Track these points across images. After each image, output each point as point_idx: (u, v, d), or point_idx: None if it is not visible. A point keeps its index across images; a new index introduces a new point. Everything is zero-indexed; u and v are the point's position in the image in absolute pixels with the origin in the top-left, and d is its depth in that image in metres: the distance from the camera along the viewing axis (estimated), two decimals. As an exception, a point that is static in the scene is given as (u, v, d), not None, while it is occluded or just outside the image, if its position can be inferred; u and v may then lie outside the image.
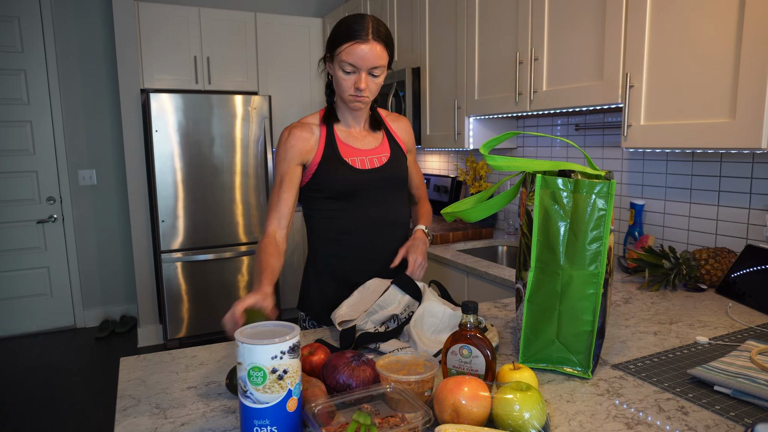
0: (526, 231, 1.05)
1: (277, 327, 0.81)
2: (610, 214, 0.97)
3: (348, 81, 1.31)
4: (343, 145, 1.41)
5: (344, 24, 1.29)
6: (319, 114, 1.44)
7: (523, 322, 1.04)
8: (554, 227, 1.00)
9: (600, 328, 1.00)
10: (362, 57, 1.27)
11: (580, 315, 0.99)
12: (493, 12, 2.33)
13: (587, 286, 0.98)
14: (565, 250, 1.00)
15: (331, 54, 1.32)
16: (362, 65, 1.28)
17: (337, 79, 1.32)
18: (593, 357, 1.01)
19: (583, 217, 0.98)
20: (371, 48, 1.27)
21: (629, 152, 2.15)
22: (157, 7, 3.69)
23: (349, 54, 1.27)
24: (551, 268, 1.01)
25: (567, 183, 1.00)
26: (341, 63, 1.29)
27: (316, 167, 1.38)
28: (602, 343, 1.05)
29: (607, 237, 0.98)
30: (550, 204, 1.01)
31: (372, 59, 1.28)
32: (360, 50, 1.26)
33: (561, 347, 1.02)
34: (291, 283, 4.18)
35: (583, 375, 1.02)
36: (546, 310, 1.02)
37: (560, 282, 1.00)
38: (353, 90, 1.32)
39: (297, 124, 1.40)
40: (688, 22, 1.52)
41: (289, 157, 1.37)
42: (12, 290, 3.94)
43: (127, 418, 0.90)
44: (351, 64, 1.28)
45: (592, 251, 0.98)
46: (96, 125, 4.04)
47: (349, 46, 1.26)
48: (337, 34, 1.29)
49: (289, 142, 1.37)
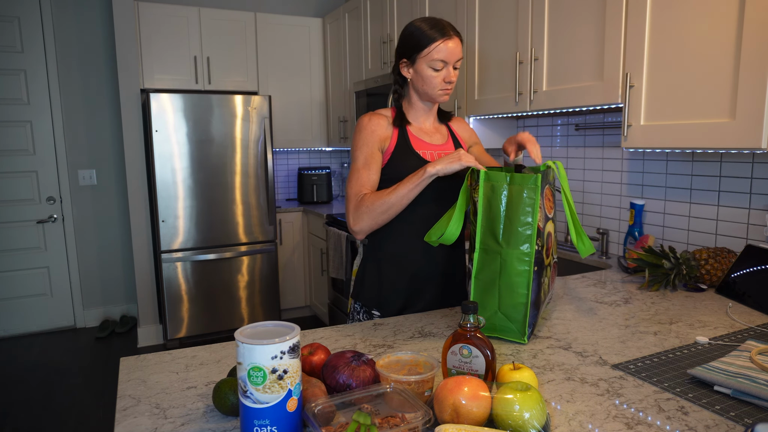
0: (473, 219, 1.24)
1: (277, 327, 0.81)
2: (537, 202, 1.15)
3: (438, 77, 1.41)
4: (414, 138, 1.49)
5: (424, 26, 1.39)
6: (391, 113, 1.51)
7: (471, 296, 1.22)
8: (495, 214, 1.19)
9: (534, 300, 1.17)
10: (452, 52, 1.39)
11: (516, 289, 1.17)
12: (493, 12, 2.33)
13: (521, 263, 1.16)
14: (503, 233, 1.18)
15: (414, 56, 1.41)
16: (451, 59, 1.40)
17: (425, 78, 1.41)
18: (528, 325, 1.18)
19: (517, 206, 1.17)
20: (455, 43, 1.40)
21: (629, 152, 2.15)
22: (157, 7, 3.69)
23: (440, 51, 1.38)
24: (492, 248, 1.19)
25: (505, 177, 1.19)
26: (432, 62, 1.39)
27: (389, 157, 1.45)
28: (537, 314, 1.21)
29: (536, 221, 1.15)
30: (491, 195, 1.20)
31: (458, 53, 1.41)
32: (449, 46, 1.38)
33: (502, 317, 1.19)
34: (291, 283, 4.18)
35: (520, 340, 1.19)
36: (489, 285, 1.20)
37: (499, 261, 1.18)
38: (443, 84, 1.42)
39: (375, 113, 1.48)
40: (688, 22, 1.52)
41: (371, 141, 1.44)
42: (12, 290, 3.94)
43: (127, 418, 0.90)
44: (442, 60, 1.39)
45: (524, 234, 1.16)
46: (96, 125, 4.04)
47: (440, 43, 1.37)
48: (420, 37, 1.39)
49: (370, 127, 1.45)
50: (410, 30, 1.41)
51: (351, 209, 1.40)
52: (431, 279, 1.52)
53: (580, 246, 1.30)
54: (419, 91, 1.46)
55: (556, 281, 1.73)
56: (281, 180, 4.63)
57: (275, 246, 3.90)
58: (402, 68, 1.46)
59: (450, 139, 1.56)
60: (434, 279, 1.52)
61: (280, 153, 4.59)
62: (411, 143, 1.47)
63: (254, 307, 3.88)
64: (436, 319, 1.40)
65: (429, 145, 1.50)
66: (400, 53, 1.45)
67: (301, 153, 4.67)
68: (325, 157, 4.78)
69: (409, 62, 1.43)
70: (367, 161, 1.42)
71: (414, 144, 1.47)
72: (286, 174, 4.64)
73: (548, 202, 1.27)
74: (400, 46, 1.44)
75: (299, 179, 4.37)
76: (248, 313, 3.87)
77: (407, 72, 1.45)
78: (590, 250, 1.30)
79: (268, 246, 3.88)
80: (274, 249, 3.90)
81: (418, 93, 1.47)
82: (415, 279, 1.50)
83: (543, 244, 1.20)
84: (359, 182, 1.42)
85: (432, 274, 1.52)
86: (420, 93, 1.47)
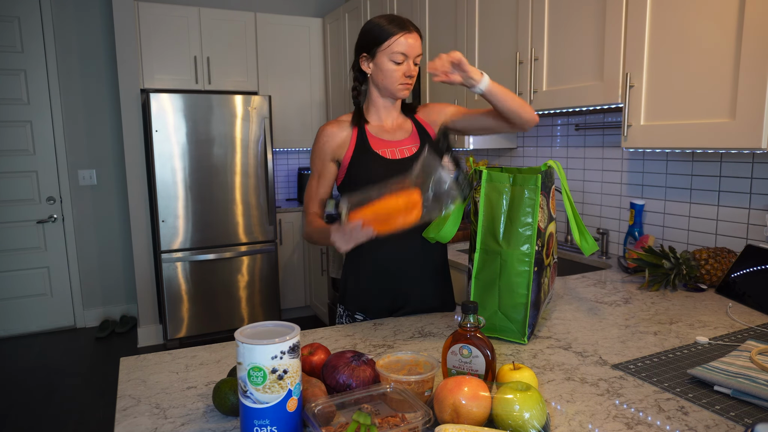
0: (473, 219, 1.24)
1: (277, 327, 0.81)
2: (537, 202, 1.15)
3: (398, 71, 1.40)
4: (374, 138, 1.47)
5: (383, 21, 1.40)
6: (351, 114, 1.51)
7: (471, 296, 1.22)
8: (496, 214, 1.19)
9: (534, 301, 1.17)
10: (411, 45, 1.39)
11: (516, 289, 1.17)
12: (493, 12, 2.33)
13: (521, 264, 1.16)
14: (504, 233, 1.18)
15: (374, 50, 1.40)
16: (411, 53, 1.40)
17: (386, 72, 1.41)
18: (528, 326, 1.17)
19: (518, 206, 1.16)
20: (415, 38, 1.40)
21: (629, 152, 2.15)
22: (157, 7, 3.69)
23: (399, 44, 1.38)
24: (492, 249, 1.19)
25: (508, 177, 1.19)
26: (392, 55, 1.38)
27: (349, 162, 1.46)
28: (537, 314, 1.20)
29: (536, 222, 1.15)
30: (493, 195, 1.20)
31: (417, 48, 1.41)
32: (409, 40, 1.38)
33: (502, 317, 1.19)
34: (291, 283, 4.18)
35: (520, 341, 1.19)
36: (489, 285, 1.20)
37: (499, 261, 1.18)
38: (403, 78, 1.41)
39: (330, 122, 1.49)
40: (688, 22, 1.52)
41: (322, 154, 1.47)
42: (12, 290, 3.94)
43: (127, 418, 0.90)
44: (402, 53, 1.38)
45: (524, 234, 1.16)
46: (96, 125, 4.04)
47: (399, 37, 1.37)
48: (380, 31, 1.39)
49: (322, 139, 1.46)
50: (370, 26, 1.41)
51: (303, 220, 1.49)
52: (414, 281, 1.49)
53: (583, 244, 1.30)
54: (379, 87, 1.45)
55: (556, 281, 1.73)
56: (281, 180, 4.63)
57: (275, 246, 3.90)
58: (362, 63, 1.44)
59: (414, 132, 1.52)
60: (417, 281, 1.49)
61: (280, 153, 4.59)
62: (369, 144, 1.45)
63: (254, 307, 3.88)
64: (436, 319, 1.40)
65: (389, 143, 1.47)
66: (361, 47, 1.43)
67: (301, 153, 4.67)
68: (325, 157, 4.77)
69: (369, 56, 1.42)
70: (319, 173, 1.48)
71: (373, 144, 1.45)
72: (286, 174, 4.64)
73: (552, 201, 1.28)
74: (360, 41, 1.43)
75: (299, 179, 4.37)
76: (248, 313, 3.87)
77: (367, 67, 1.44)
78: (593, 248, 1.30)
79: (268, 246, 3.88)
80: (274, 249, 3.90)
81: (379, 89, 1.46)
82: (397, 281, 1.48)
83: (543, 245, 1.20)
84: (309, 194, 1.51)
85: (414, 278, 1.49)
86: (380, 88, 1.45)
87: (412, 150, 1.48)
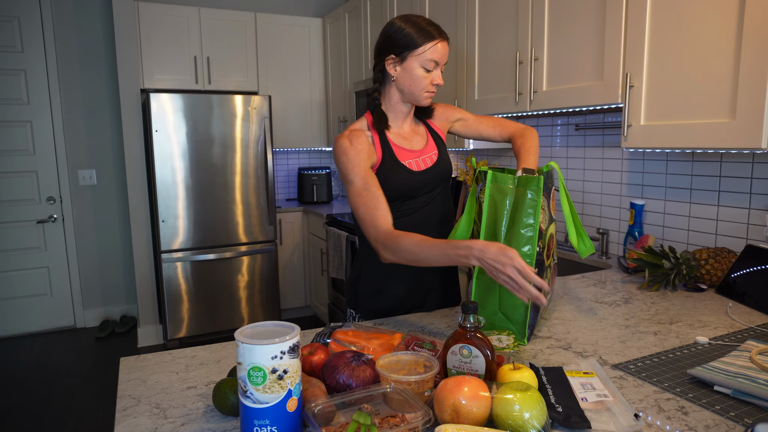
0: (477, 219, 1.24)
1: (277, 327, 0.81)
2: (539, 204, 1.16)
3: (428, 78, 1.36)
4: (398, 148, 1.43)
5: (421, 23, 1.33)
6: (366, 120, 1.44)
7: (472, 296, 1.21)
8: (499, 215, 1.19)
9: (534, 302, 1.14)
10: (443, 54, 1.35)
11: None
12: (493, 12, 2.33)
13: None
14: (506, 234, 1.18)
15: (405, 53, 1.34)
16: (442, 61, 1.36)
17: (415, 78, 1.35)
18: (528, 327, 1.18)
19: (521, 207, 1.17)
20: (446, 46, 1.36)
21: (629, 152, 2.15)
22: (157, 7, 3.69)
23: (435, 51, 1.33)
24: None
25: (513, 179, 1.20)
26: (425, 61, 1.33)
27: (376, 170, 1.38)
28: (537, 315, 1.22)
29: (538, 223, 1.16)
30: (497, 196, 1.20)
31: (446, 55, 1.37)
32: (443, 47, 1.35)
33: (503, 317, 1.20)
34: (291, 283, 4.18)
35: (520, 342, 1.19)
36: (489, 285, 1.19)
37: None
38: (430, 86, 1.38)
39: (351, 131, 1.38)
40: (688, 22, 1.52)
41: (362, 161, 1.33)
42: (12, 290, 3.94)
43: (127, 418, 0.90)
44: (435, 61, 1.34)
45: (526, 236, 1.16)
46: (96, 125, 4.04)
47: (437, 43, 1.33)
48: (417, 34, 1.32)
49: (356, 147, 1.34)
50: (400, 26, 1.33)
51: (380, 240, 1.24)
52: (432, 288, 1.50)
53: (580, 246, 1.30)
54: (404, 91, 1.39)
55: (556, 281, 1.73)
56: (281, 180, 4.63)
57: (275, 246, 3.90)
58: (388, 65, 1.36)
59: (430, 139, 1.50)
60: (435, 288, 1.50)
61: (280, 153, 4.59)
62: (396, 155, 1.41)
63: (254, 307, 3.88)
64: (436, 319, 1.40)
65: (411, 153, 1.44)
66: (388, 48, 1.35)
67: (301, 153, 4.67)
68: (325, 157, 4.78)
69: (398, 59, 1.35)
70: (366, 183, 1.31)
71: (398, 155, 1.41)
72: (286, 174, 4.64)
73: (552, 202, 1.28)
74: (389, 42, 1.35)
75: (299, 179, 4.37)
76: (248, 313, 3.87)
77: (393, 69, 1.36)
78: (590, 250, 1.30)
79: (268, 246, 3.88)
80: (274, 249, 3.90)
81: (402, 93, 1.40)
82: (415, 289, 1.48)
83: (544, 246, 1.21)
84: (369, 205, 1.28)
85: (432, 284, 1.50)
86: (405, 93, 1.39)
87: (433, 159, 1.47)
